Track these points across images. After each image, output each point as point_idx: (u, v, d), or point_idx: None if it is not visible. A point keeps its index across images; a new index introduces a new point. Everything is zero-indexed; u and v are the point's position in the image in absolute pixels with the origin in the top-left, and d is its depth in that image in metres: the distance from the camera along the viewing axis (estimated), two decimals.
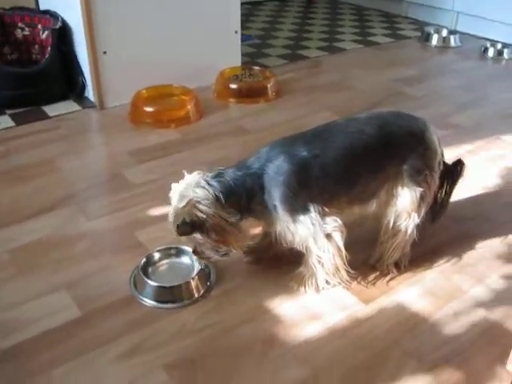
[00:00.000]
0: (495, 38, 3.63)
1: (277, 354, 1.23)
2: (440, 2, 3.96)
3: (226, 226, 1.27)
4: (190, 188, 1.28)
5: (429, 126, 1.43)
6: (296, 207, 1.30)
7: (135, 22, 2.43)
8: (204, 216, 1.24)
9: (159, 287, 1.37)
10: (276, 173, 1.30)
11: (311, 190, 1.31)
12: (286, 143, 1.39)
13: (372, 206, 1.45)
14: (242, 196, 1.30)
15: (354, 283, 1.44)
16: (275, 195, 1.29)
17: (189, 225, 1.25)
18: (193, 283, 1.39)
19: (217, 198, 1.25)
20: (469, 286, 1.46)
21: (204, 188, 1.26)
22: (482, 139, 2.27)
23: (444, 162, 1.49)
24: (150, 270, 1.45)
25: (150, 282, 1.38)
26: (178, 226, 1.27)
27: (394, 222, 1.43)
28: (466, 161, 1.54)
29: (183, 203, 1.26)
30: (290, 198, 1.29)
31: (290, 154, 1.33)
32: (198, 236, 1.28)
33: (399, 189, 1.40)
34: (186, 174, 1.34)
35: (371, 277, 1.47)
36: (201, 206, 1.24)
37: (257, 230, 1.54)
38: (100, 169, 2.04)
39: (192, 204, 1.24)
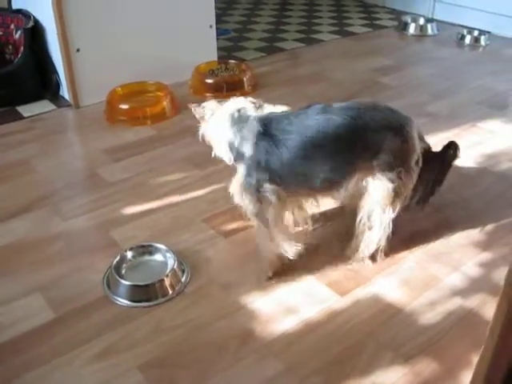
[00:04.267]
0: (472, 25, 3.64)
1: (252, 349, 1.23)
2: None
3: None
4: None
5: (409, 122, 1.39)
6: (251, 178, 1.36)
7: (108, 19, 2.41)
8: None
9: (133, 286, 1.36)
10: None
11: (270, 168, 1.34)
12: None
13: (339, 197, 1.44)
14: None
15: (331, 275, 1.44)
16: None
17: None
18: (167, 281, 1.38)
19: None
20: (444, 274, 1.47)
21: None
22: (459, 127, 2.27)
23: (430, 151, 1.48)
24: (123, 269, 1.44)
25: (123, 281, 1.37)
26: None
27: (369, 216, 1.43)
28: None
29: None
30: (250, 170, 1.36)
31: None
32: None
33: (370, 183, 1.39)
34: None
35: (347, 267, 1.47)
36: None
37: None
38: (76, 168, 2.02)
39: None
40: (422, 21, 3.67)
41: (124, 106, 2.31)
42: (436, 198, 1.77)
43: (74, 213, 1.72)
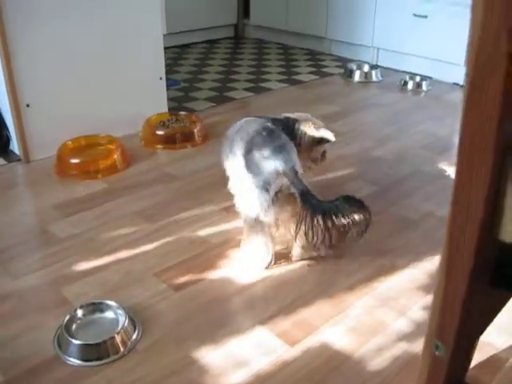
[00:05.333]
0: (414, 71, 3.81)
1: None
2: (360, 39, 4.13)
3: None
4: None
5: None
6: None
7: (58, 74, 2.43)
8: None
9: (83, 345, 1.36)
10: None
11: None
12: None
13: None
14: None
15: (281, 325, 1.47)
16: None
17: None
18: (118, 338, 1.38)
19: None
20: (391, 319, 1.51)
21: None
22: (404, 172, 2.36)
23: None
24: (73, 327, 1.43)
25: (73, 340, 1.36)
26: None
27: None
28: (390, 192, 1.58)
29: None
30: None
31: None
32: None
33: None
34: None
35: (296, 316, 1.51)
36: None
37: None
38: (26, 225, 2.00)
39: None
40: (366, 68, 3.82)
41: (74, 160, 2.32)
42: (381, 243, 1.85)
43: (24, 270, 1.71)
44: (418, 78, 3.63)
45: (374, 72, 3.77)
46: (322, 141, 1.94)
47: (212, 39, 4.89)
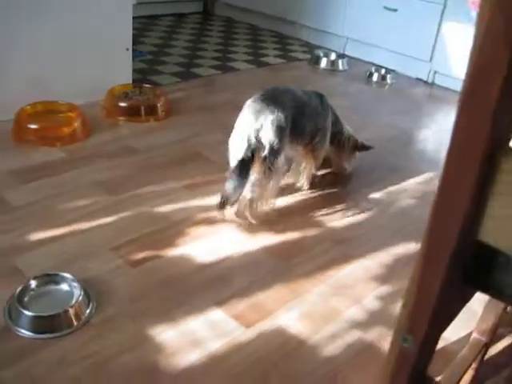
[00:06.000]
0: (380, 63, 3.84)
1: (159, 382, 1.23)
2: (331, 27, 4.13)
3: None
4: None
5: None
6: None
7: (20, 36, 2.34)
8: None
9: (36, 317, 1.33)
10: None
11: None
12: None
13: None
14: None
15: (237, 307, 1.47)
16: None
17: None
18: (71, 311, 1.35)
19: None
20: (345, 307, 1.53)
21: None
22: (369, 162, 2.39)
23: None
24: (26, 298, 1.40)
25: (25, 311, 1.33)
26: None
27: None
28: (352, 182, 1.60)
29: None
30: None
31: None
32: None
33: None
34: None
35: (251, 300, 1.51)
36: None
37: None
38: None
39: None
40: (333, 56, 3.83)
41: (33, 126, 2.24)
42: (338, 232, 1.87)
43: None
44: (383, 71, 3.66)
45: (340, 61, 3.78)
46: (363, 148, 2.22)
47: (180, 13, 4.81)
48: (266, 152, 1.72)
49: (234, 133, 1.78)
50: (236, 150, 1.74)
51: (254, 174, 1.74)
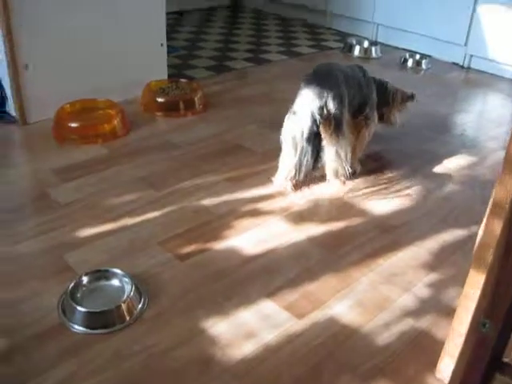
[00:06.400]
0: (413, 49, 3.78)
1: (214, 375, 1.23)
2: (361, 14, 4.08)
3: None
4: None
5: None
6: None
7: (58, 35, 2.37)
8: None
9: (89, 313, 1.34)
10: None
11: None
12: None
13: None
14: None
15: (288, 298, 1.46)
16: None
17: None
18: (124, 306, 1.36)
19: None
20: (396, 295, 1.51)
21: None
22: (409, 150, 2.36)
23: None
24: (78, 294, 1.41)
25: (78, 307, 1.34)
26: None
27: None
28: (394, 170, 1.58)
29: None
30: None
31: None
32: None
33: None
34: None
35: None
36: None
37: None
38: (24, 189, 1.97)
39: None
40: (366, 43, 3.79)
41: (73, 124, 2.27)
42: (385, 220, 1.85)
43: (24, 236, 1.67)
44: (417, 56, 3.60)
45: (373, 48, 3.74)
46: (410, 97, 2.29)
47: (209, 7, 4.80)
48: (332, 125, 1.83)
49: (296, 111, 1.87)
50: (298, 128, 1.85)
51: (328, 146, 1.88)
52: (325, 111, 1.82)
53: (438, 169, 2.22)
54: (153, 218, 1.77)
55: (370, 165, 2.19)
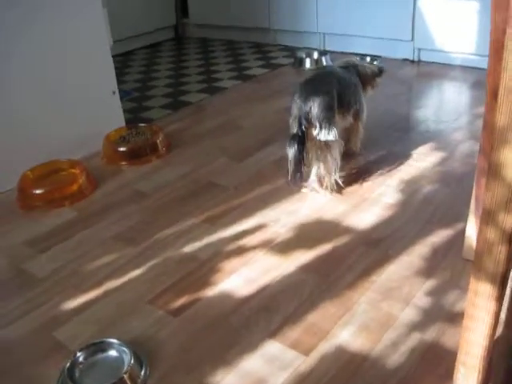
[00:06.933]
0: (363, 52, 3.80)
1: None
2: (305, 26, 4.10)
3: None
4: None
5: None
6: None
7: (6, 101, 2.30)
8: None
9: None
10: None
11: None
12: None
13: None
14: None
15: (291, 335, 1.42)
16: None
17: None
18: (126, 377, 1.30)
19: None
20: (398, 310, 1.48)
21: None
22: (377, 155, 2.35)
23: None
24: (77, 373, 1.35)
25: None
26: None
27: None
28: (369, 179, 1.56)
29: None
30: None
31: None
32: None
33: None
34: None
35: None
36: None
37: None
38: None
39: None
40: (315, 54, 3.80)
41: (37, 191, 2.19)
42: (370, 234, 1.82)
43: (6, 319, 1.58)
44: (368, 59, 3.61)
45: (323, 58, 3.75)
46: (379, 73, 2.37)
47: (153, 43, 4.77)
48: (316, 130, 1.91)
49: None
50: (292, 129, 1.97)
51: (311, 151, 1.98)
52: (310, 116, 1.91)
53: (411, 171, 2.21)
54: (136, 276, 1.71)
55: (347, 177, 2.16)
